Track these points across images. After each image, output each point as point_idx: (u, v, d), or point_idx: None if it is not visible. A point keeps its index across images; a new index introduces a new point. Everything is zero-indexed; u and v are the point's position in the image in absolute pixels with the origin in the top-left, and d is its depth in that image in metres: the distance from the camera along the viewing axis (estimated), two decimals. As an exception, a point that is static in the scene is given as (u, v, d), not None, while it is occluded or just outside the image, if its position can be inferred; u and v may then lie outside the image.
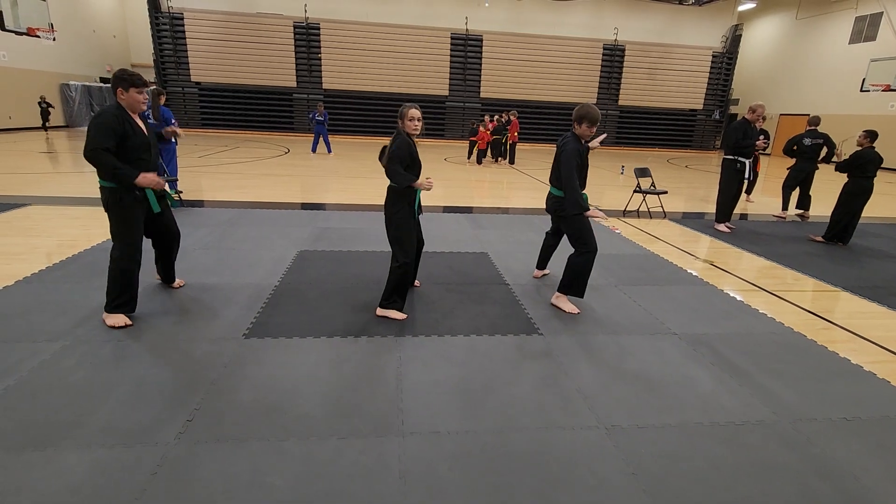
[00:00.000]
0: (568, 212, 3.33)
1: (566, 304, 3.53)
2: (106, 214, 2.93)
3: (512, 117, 13.47)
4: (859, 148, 5.86)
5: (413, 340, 2.97)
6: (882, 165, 5.96)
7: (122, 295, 2.96)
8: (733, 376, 2.72)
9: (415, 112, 3.06)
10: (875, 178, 5.85)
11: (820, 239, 6.04)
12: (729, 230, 6.33)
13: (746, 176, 6.20)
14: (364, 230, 5.51)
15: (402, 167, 3.06)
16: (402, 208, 3.15)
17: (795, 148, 7.31)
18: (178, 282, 3.62)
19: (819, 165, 7.31)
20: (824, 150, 7.12)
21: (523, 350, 2.93)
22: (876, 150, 5.81)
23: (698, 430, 2.23)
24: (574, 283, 3.45)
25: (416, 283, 3.85)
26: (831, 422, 2.35)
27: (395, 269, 3.18)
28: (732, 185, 6.28)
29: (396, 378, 2.55)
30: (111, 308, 2.96)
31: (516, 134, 13.52)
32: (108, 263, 2.94)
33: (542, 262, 4.21)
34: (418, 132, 3.10)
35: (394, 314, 3.25)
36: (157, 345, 2.76)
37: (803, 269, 4.85)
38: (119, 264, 2.92)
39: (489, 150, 13.66)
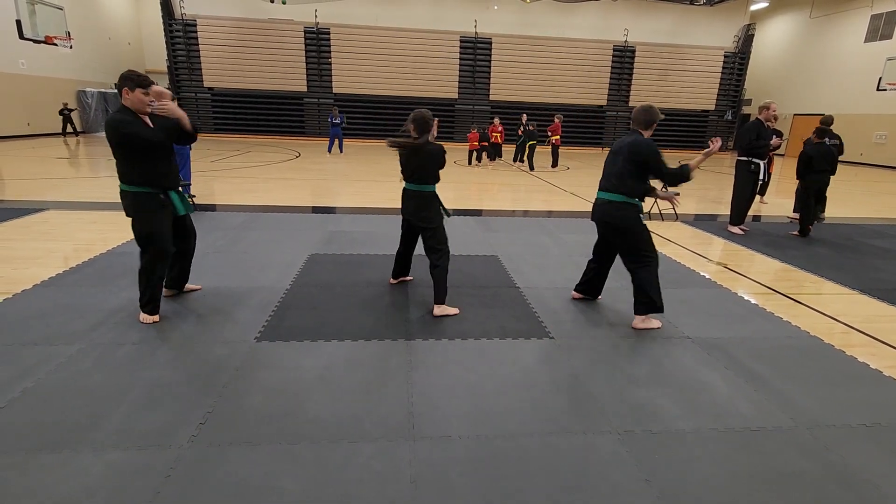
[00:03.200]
0: (629, 221, 3.15)
1: (652, 321, 3.30)
2: (130, 219, 3.00)
3: (556, 120, 13.28)
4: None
5: (423, 344, 2.97)
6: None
7: (144, 295, 3.07)
8: (749, 381, 2.68)
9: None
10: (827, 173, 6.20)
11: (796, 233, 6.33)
12: (742, 232, 6.25)
13: (761, 177, 6.13)
14: (374, 233, 5.53)
15: None
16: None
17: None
18: (190, 286, 3.64)
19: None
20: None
21: (534, 354, 2.91)
22: (826, 144, 6.21)
23: (713, 436, 2.20)
24: (652, 298, 3.18)
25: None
26: (850, 428, 2.30)
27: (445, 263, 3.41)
28: (747, 187, 6.20)
29: (407, 382, 2.55)
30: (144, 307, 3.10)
31: (559, 137, 13.33)
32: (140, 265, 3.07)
33: (591, 289, 3.74)
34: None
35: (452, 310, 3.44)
36: (171, 348, 2.79)
37: (819, 272, 4.76)
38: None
39: (518, 153, 13.43)
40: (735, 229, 6.31)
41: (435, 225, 3.38)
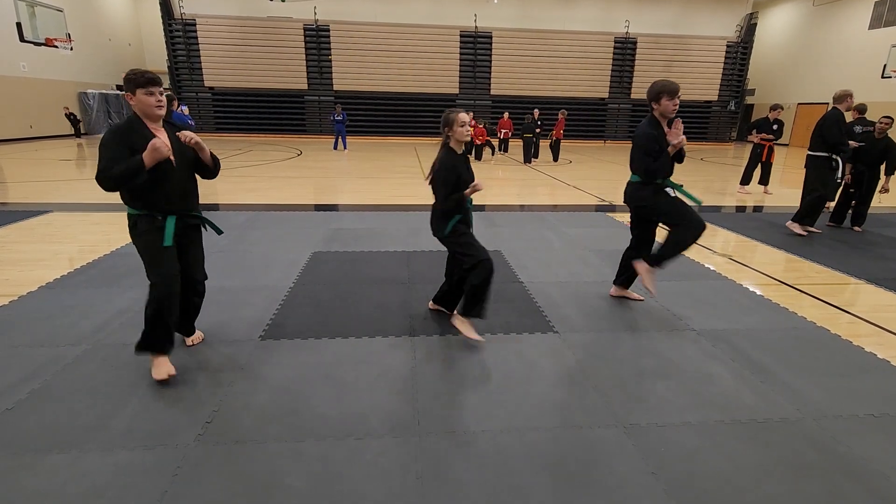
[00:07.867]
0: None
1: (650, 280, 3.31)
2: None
3: (561, 115, 13.33)
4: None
5: (428, 340, 2.97)
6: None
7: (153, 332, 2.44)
8: (755, 373, 2.67)
9: (464, 117, 2.74)
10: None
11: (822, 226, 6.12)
12: (807, 234, 5.87)
13: (839, 177, 5.75)
14: (377, 230, 5.53)
15: (449, 192, 2.78)
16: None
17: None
18: (194, 337, 2.88)
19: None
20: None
21: (539, 348, 2.90)
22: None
23: (719, 428, 2.19)
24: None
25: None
26: (858, 419, 2.28)
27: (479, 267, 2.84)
28: (827, 184, 5.81)
29: (412, 378, 2.55)
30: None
31: (562, 131, 13.38)
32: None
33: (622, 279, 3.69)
34: (468, 139, 2.83)
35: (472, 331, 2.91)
36: (176, 348, 2.78)
37: (825, 262, 4.73)
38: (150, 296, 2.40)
39: (531, 149, 13.21)
40: (798, 228, 5.84)
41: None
